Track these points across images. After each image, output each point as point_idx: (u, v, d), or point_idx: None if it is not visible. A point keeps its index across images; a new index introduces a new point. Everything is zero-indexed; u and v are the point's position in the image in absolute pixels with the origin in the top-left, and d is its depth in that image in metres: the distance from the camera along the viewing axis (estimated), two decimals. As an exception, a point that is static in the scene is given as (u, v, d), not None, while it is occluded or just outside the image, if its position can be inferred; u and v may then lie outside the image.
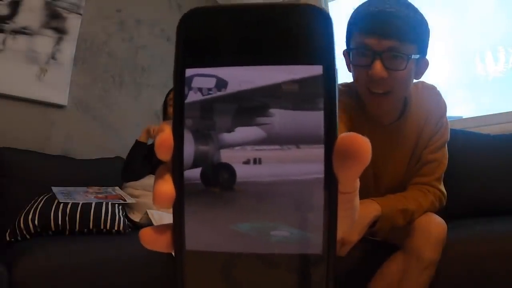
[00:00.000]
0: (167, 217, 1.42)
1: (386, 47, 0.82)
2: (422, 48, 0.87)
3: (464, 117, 1.95)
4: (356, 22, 0.86)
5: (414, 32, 0.83)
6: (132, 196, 1.65)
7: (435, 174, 1.03)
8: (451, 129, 1.55)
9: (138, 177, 1.72)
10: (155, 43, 2.46)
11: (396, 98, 0.90)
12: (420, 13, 0.86)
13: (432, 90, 1.02)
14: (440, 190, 1.05)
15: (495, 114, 1.73)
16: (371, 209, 0.92)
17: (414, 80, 0.95)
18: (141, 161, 1.73)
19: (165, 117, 1.88)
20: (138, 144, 1.75)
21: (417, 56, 0.86)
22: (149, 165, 1.77)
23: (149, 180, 1.73)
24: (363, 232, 0.90)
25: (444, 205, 1.07)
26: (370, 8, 0.84)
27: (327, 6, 2.45)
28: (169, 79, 2.50)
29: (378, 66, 0.82)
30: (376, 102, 0.91)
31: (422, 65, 0.90)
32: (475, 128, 1.63)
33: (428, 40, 0.88)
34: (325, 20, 0.20)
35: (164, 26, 2.52)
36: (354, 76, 0.92)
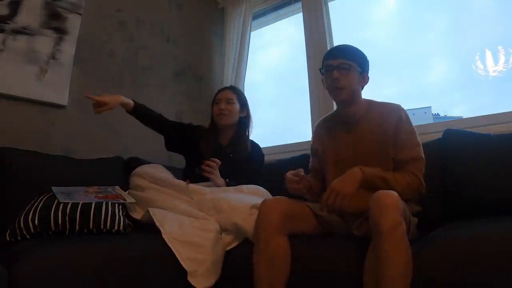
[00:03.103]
0: (169, 216, 1.42)
1: (340, 62, 1.36)
2: (361, 66, 1.37)
3: (464, 117, 1.95)
4: (325, 56, 1.44)
5: (354, 55, 1.37)
6: (138, 187, 1.65)
7: (415, 168, 1.31)
8: (450, 129, 1.57)
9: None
10: (155, 43, 2.46)
11: (347, 92, 1.37)
12: (358, 48, 1.41)
13: (392, 106, 1.41)
14: (418, 177, 1.29)
15: (495, 114, 1.73)
16: (356, 171, 1.22)
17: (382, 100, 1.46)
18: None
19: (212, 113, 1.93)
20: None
21: (359, 69, 1.36)
22: (182, 147, 1.89)
23: (161, 173, 1.73)
24: (355, 187, 1.19)
25: (422, 193, 1.30)
26: (331, 48, 1.48)
27: (327, 6, 2.45)
28: (168, 79, 2.51)
29: (335, 72, 1.36)
30: (336, 95, 1.39)
31: (363, 78, 1.40)
32: (475, 128, 1.63)
33: (364, 63, 1.39)
34: None
35: (164, 26, 2.52)
36: (325, 86, 1.42)
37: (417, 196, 1.30)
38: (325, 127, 1.53)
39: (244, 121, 1.92)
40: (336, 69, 1.36)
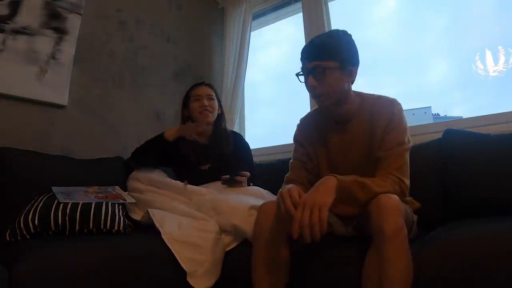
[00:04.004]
0: (168, 216, 1.42)
1: (313, 66, 1.18)
2: (342, 61, 1.18)
3: (464, 117, 1.95)
4: (301, 54, 1.24)
5: (330, 52, 1.17)
6: (136, 190, 1.65)
7: (392, 165, 1.16)
8: (450, 129, 1.57)
9: (144, 167, 1.75)
10: (155, 43, 2.46)
11: (330, 97, 1.21)
12: (343, 37, 1.21)
13: (386, 101, 1.25)
14: (399, 178, 1.14)
15: (495, 114, 1.72)
16: (330, 179, 1.08)
17: (378, 94, 1.30)
18: (157, 155, 1.75)
19: (185, 110, 1.89)
20: (162, 139, 1.74)
21: (338, 67, 1.17)
22: (167, 160, 1.81)
23: (157, 176, 1.73)
24: (333, 196, 1.04)
25: (405, 194, 1.18)
26: (306, 44, 1.24)
27: (327, 6, 2.45)
28: (168, 79, 2.50)
29: (310, 78, 1.19)
30: (320, 103, 1.25)
31: (348, 73, 1.21)
32: (475, 128, 1.63)
33: (347, 56, 1.19)
34: None
35: (164, 26, 2.52)
36: (308, 91, 1.25)
37: (402, 199, 1.13)
38: (314, 126, 1.37)
39: (220, 117, 1.91)
40: (310, 75, 1.19)
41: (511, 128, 1.59)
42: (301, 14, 2.52)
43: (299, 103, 2.57)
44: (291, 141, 1.44)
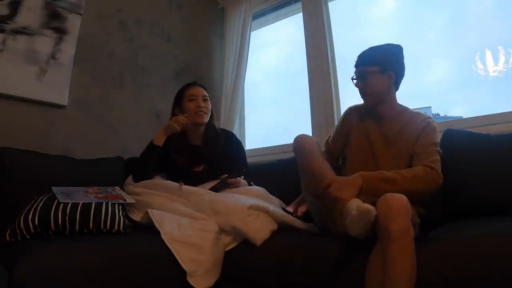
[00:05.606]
0: (167, 217, 1.42)
1: (359, 70, 1.44)
2: (383, 66, 1.40)
3: (464, 117, 1.95)
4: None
5: (373, 59, 1.41)
6: (133, 194, 1.64)
7: (427, 159, 1.28)
8: (450, 129, 1.57)
9: (150, 178, 1.73)
10: (155, 43, 2.46)
11: (373, 97, 1.44)
12: (390, 48, 1.43)
13: (423, 115, 1.42)
14: (433, 168, 1.26)
15: (495, 114, 1.72)
16: (356, 177, 1.22)
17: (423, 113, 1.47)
18: (155, 164, 1.74)
19: (178, 109, 1.86)
20: (153, 147, 1.74)
21: (379, 71, 1.39)
22: (161, 166, 1.79)
23: (153, 179, 1.73)
24: (354, 193, 1.16)
25: (439, 184, 1.25)
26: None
27: (327, 6, 2.45)
28: (169, 79, 2.51)
29: (357, 81, 1.45)
30: (364, 100, 1.48)
31: (388, 76, 1.40)
32: (475, 128, 1.63)
33: (386, 62, 1.40)
34: None
35: (164, 26, 2.53)
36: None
37: (434, 187, 1.25)
38: (357, 115, 1.54)
39: (211, 118, 1.90)
40: (356, 78, 1.44)
41: (511, 128, 1.59)
42: (301, 14, 2.52)
43: (299, 103, 2.57)
44: (291, 141, 1.45)
